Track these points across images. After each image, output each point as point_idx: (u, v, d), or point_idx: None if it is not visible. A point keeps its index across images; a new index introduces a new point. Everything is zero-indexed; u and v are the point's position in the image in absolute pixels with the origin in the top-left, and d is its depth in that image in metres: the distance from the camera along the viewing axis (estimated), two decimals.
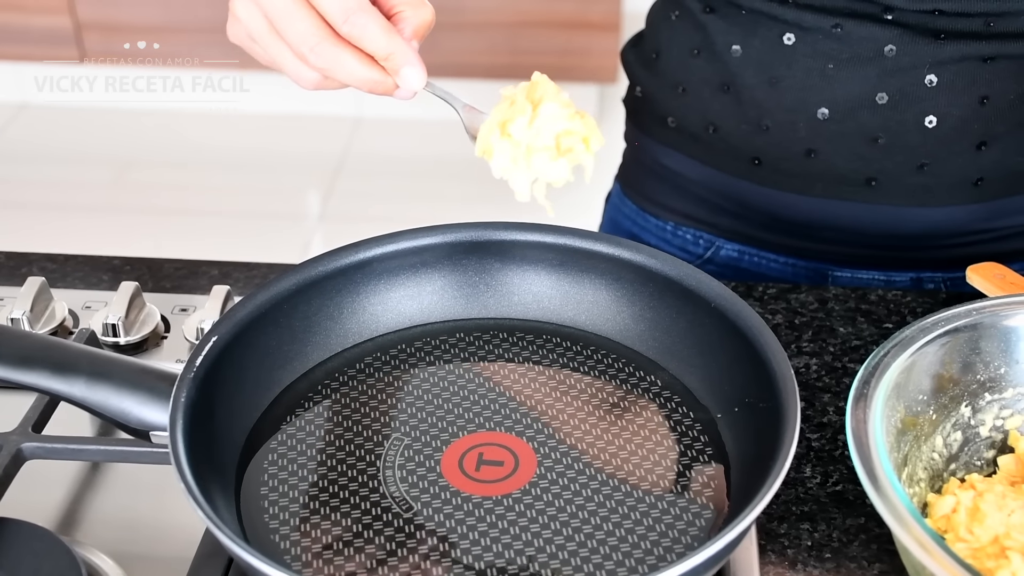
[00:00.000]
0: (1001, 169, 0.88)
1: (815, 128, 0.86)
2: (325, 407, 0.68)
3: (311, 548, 0.59)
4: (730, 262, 0.98)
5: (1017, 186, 0.89)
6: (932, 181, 0.88)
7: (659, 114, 0.95)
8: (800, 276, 0.96)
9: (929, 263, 0.93)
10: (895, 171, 0.87)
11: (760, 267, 0.97)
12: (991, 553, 0.59)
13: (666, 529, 0.60)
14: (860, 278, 0.94)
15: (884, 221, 0.90)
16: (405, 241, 0.73)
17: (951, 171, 0.87)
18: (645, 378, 0.70)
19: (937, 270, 0.93)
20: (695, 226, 0.98)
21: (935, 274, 0.93)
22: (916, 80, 0.83)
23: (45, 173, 2.79)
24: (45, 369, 0.62)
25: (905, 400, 0.63)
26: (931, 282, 0.94)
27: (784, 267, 0.96)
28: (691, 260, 0.98)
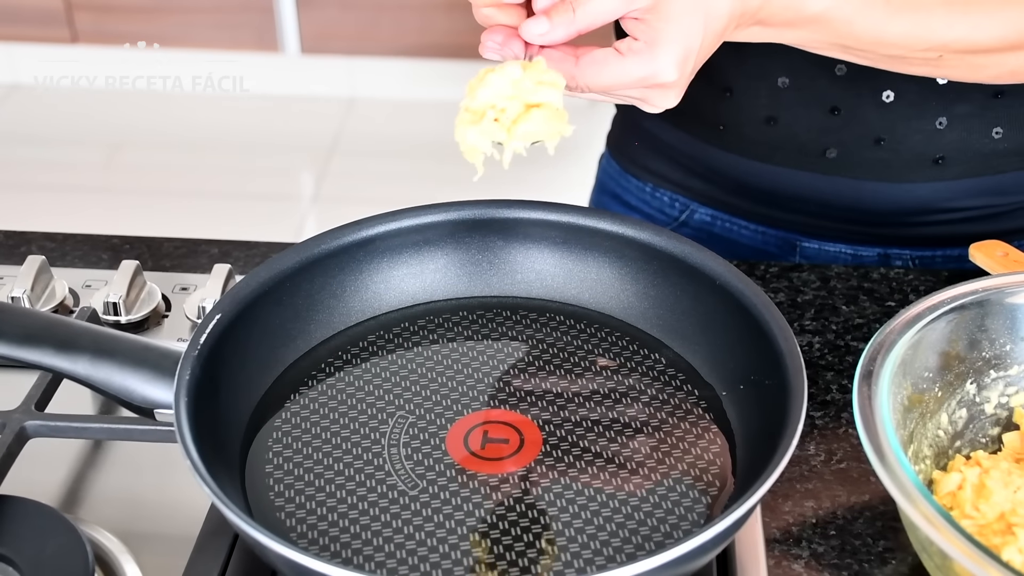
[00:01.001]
0: (964, 149, 0.87)
1: (775, 96, 0.87)
2: (329, 385, 0.68)
3: (316, 525, 0.59)
4: (703, 226, 0.99)
5: (982, 167, 0.88)
6: (890, 156, 0.88)
7: None
8: (769, 244, 0.97)
9: (896, 240, 0.93)
10: (853, 144, 0.88)
11: (731, 233, 0.98)
12: (997, 530, 0.59)
13: (672, 507, 0.60)
14: (827, 251, 0.95)
15: (845, 194, 0.90)
16: (408, 219, 0.72)
17: (909, 147, 0.87)
18: (649, 356, 0.70)
19: (904, 247, 0.93)
20: (671, 189, 0.99)
21: (903, 251, 0.94)
22: None
23: (37, 154, 2.77)
24: (49, 346, 0.62)
25: (911, 377, 0.63)
26: (899, 259, 0.94)
27: (754, 235, 0.97)
28: (667, 222, 1.00)
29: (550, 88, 0.63)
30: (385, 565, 0.56)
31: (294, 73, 2.96)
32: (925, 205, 0.90)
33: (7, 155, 2.77)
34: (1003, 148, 0.87)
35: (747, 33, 0.69)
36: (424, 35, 2.81)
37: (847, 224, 0.93)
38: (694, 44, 0.63)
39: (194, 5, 2.84)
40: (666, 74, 0.62)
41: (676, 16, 0.62)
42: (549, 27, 0.63)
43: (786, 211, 0.94)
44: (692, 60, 0.63)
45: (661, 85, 0.63)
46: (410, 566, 0.56)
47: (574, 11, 0.63)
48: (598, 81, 0.64)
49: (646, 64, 0.62)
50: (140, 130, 2.86)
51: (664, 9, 0.62)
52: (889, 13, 0.70)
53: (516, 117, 0.63)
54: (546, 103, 0.63)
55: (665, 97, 0.65)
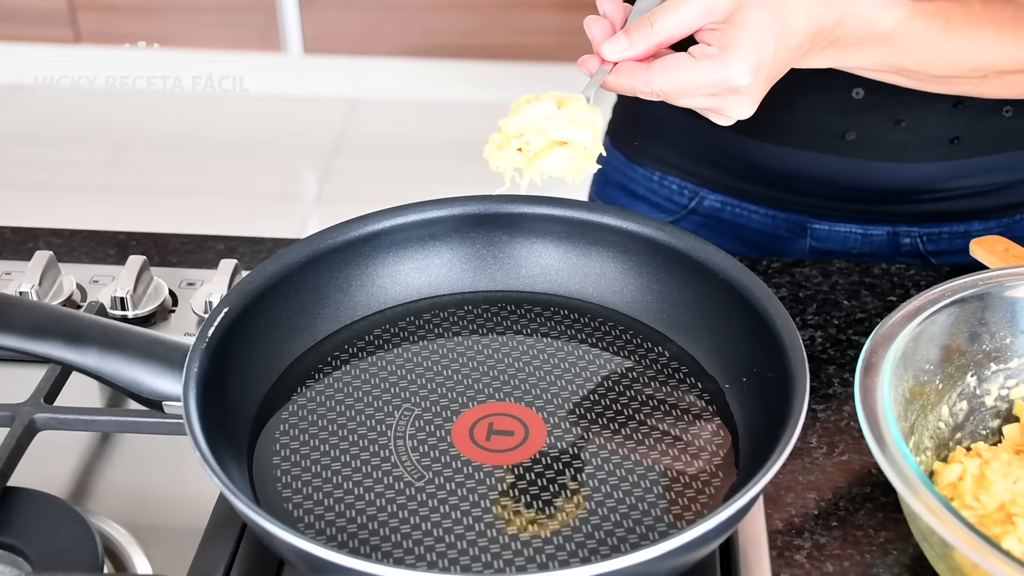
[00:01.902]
0: (977, 129, 0.89)
1: (794, 79, 0.87)
2: (335, 378, 0.68)
3: (324, 516, 0.59)
4: (713, 212, 0.99)
5: (993, 146, 0.91)
6: (908, 138, 0.89)
7: None
8: (780, 227, 0.98)
9: (906, 217, 0.95)
10: (872, 126, 0.89)
11: (741, 218, 0.99)
12: (997, 520, 0.60)
13: (675, 497, 0.60)
14: (838, 231, 0.96)
15: (859, 175, 0.92)
16: (413, 214, 0.73)
17: (927, 129, 0.89)
18: (653, 349, 0.70)
19: (913, 224, 0.95)
20: (680, 176, 0.99)
21: (911, 228, 0.95)
22: None
23: (40, 154, 2.78)
24: (58, 339, 0.62)
25: (912, 369, 0.63)
26: (907, 236, 0.95)
27: (764, 219, 0.98)
28: (676, 210, 1.00)
29: (583, 128, 0.65)
30: (392, 555, 0.57)
31: (297, 73, 2.96)
32: (935, 183, 0.92)
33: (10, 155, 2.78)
34: (1012, 127, 0.90)
35: (819, 58, 0.71)
36: (427, 35, 2.81)
37: (858, 204, 0.94)
38: (767, 53, 0.64)
39: (197, 5, 2.85)
40: (739, 78, 0.64)
41: (750, 25, 0.64)
42: (628, 44, 0.66)
43: (797, 193, 0.95)
44: (765, 69, 0.65)
45: (734, 90, 0.65)
46: (416, 555, 0.57)
47: (652, 26, 0.65)
48: (671, 84, 0.65)
49: (719, 68, 0.64)
50: (143, 130, 2.86)
51: (739, 19, 0.64)
52: (947, 32, 0.73)
53: (539, 151, 0.65)
54: (573, 142, 0.65)
55: (738, 105, 0.66)
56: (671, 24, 0.65)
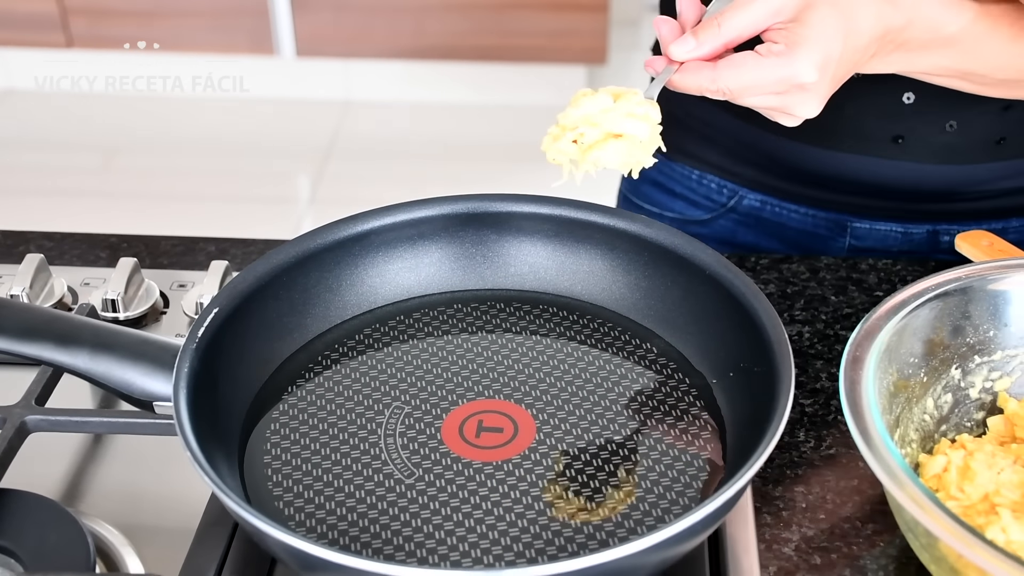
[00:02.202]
0: (1022, 128, 0.89)
1: (845, 84, 0.87)
2: (326, 377, 0.69)
3: (315, 514, 0.60)
4: (752, 211, 1.00)
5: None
6: (957, 140, 0.89)
7: None
8: (820, 226, 0.98)
9: (947, 215, 0.95)
10: (923, 130, 0.89)
11: (781, 217, 0.99)
12: (981, 510, 0.60)
13: (663, 492, 0.61)
14: (878, 229, 0.96)
15: (906, 177, 0.92)
16: (402, 213, 0.74)
17: (977, 131, 0.89)
18: (641, 345, 0.71)
19: (953, 222, 0.95)
20: (720, 175, 0.99)
21: (951, 226, 0.95)
22: None
23: (33, 159, 2.78)
24: (49, 341, 0.63)
25: (897, 363, 0.64)
26: (947, 234, 0.95)
27: (804, 217, 0.98)
28: (714, 208, 1.00)
29: (639, 121, 0.66)
30: (383, 551, 0.57)
31: (289, 76, 2.97)
32: (980, 183, 0.93)
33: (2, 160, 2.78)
34: None
35: (886, 62, 0.71)
36: (419, 37, 2.82)
37: (901, 203, 0.94)
38: (834, 51, 0.65)
39: (189, 9, 2.85)
40: (806, 75, 0.64)
41: (818, 23, 0.65)
42: (696, 44, 0.67)
43: (840, 193, 0.95)
44: (832, 67, 0.65)
45: (801, 87, 0.65)
46: (407, 552, 0.57)
47: (720, 26, 0.66)
48: (738, 82, 0.66)
49: (785, 65, 0.65)
50: (136, 134, 2.87)
51: (806, 17, 0.65)
52: (1012, 36, 0.73)
53: (593, 143, 0.66)
54: (629, 135, 0.66)
55: (805, 103, 0.67)
56: (739, 24, 0.66)
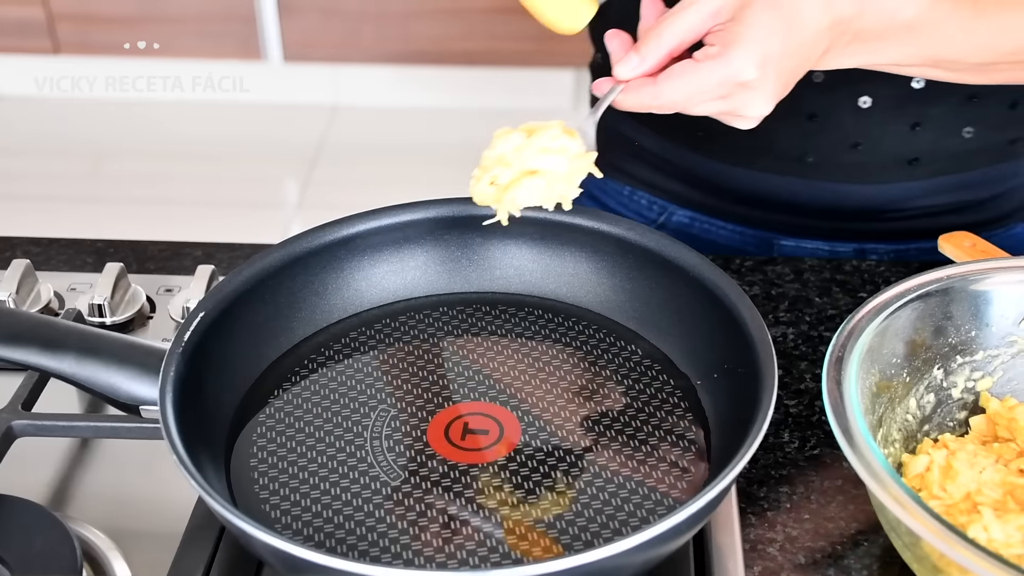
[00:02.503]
0: (937, 150, 0.89)
1: None
2: (312, 381, 0.69)
3: (301, 516, 0.60)
4: (682, 228, 1.00)
5: (954, 166, 0.91)
6: (866, 159, 0.89)
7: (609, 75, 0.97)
8: (748, 244, 0.99)
9: (871, 235, 0.95)
10: (830, 149, 0.89)
11: (709, 234, 0.99)
12: (963, 509, 0.61)
13: (648, 492, 0.61)
14: (805, 247, 0.96)
15: (822, 195, 0.92)
16: (387, 217, 0.74)
17: (885, 150, 0.89)
18: (625, 347, 0.71)
19: (879, 241, 0.95)
20: (649, 191, 1.00)
21: (877, 245, 0.95)
22: None
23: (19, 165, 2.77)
24: (35, 346, 0.63)
25: (879, 363, 0.64)
26: (874, 253, 0.96)
27: (732, 234, 0.99)
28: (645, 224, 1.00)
29: (555, 155, 0.66)
30: (368, 553, 0.58)
31: (277, 81, 2.97)
32: (899, 202, 0.93)
33: None
34: (973, 147, 0.90)
35: (846, 55, 0.70)
36: (406, 42, 2.82)
37: (824, 221, 0.95)
38: (773, 47, 0.64)
39: (176, 15, 2.85)
40: (744, 72, 0.63)
41: (754, 20, 0.63)
42: (639, 60, 0.66)
43: (765, 211, 0.96)
44: (773, 63, 0.64)
45: (743, 85, 0.64)
46: (393, 554, 0.58)
47: (660, 36, 0.65)
48: (679, 93, 0.65)
49: (722, 66, 0.63)
50: (123, 140, 2.86)
51: (742, 15, 0.64)
52: (976, 15, 0.71)
53: (508, 184, 0.66)
54: (545, 171, 0.66)
55: (753, 102, 0.65)
56: (678, 29, 0.65)
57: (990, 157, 0.91)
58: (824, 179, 0.91)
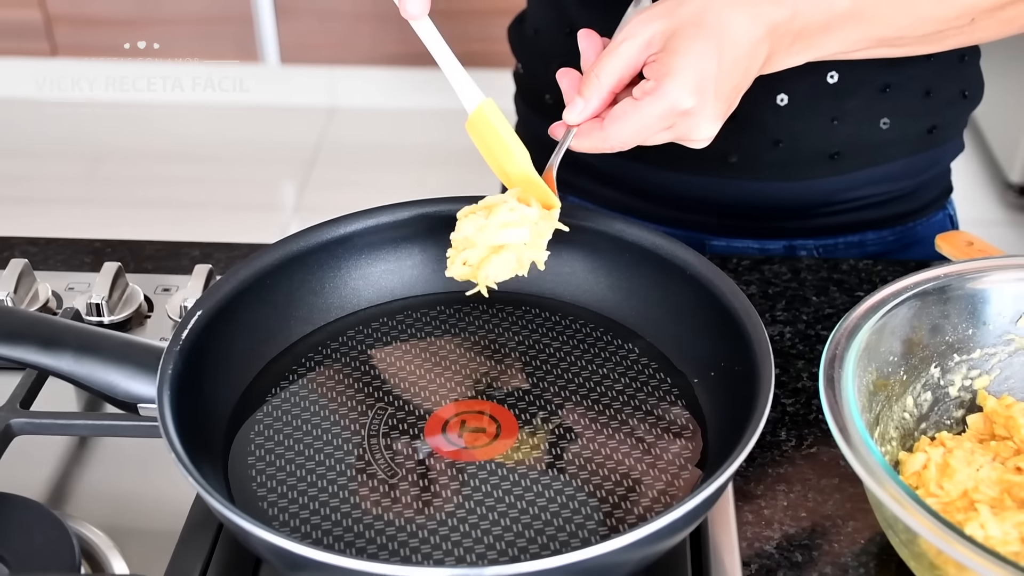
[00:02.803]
0: (856, 143, 0.90)
1: None
2: (309, 379, 0.69)
3: (299, 514, 0.60)
4: None
5: (874, 158, 0.91)
6: (789, 157, 0.90)
7: (539, 91, 0.98)
8: None
9: (800, 231, 0.96)
10: (752, 148, 0.89)
11: None
12: (960, 507, 0.61)
13: (645, 489, 0.61)
14: (735, 247, 0.97)
15: (748, 194, 0.92)
16: (384, 216, 0.74)
17: (806, 147, 0.89)
18: (623, 346, 0.71)
19: (808, 238, 0.96)
20: (578, 195, 1.00)
21: (807, 241, 0.96)
22: None
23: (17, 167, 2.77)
24: (33, 344, 0.63)
25: (876, 362, 0.65)
26: (803, 249, 0.96)
27: None
28: None
29: (515, 227, 0.67)
30: (366, 551, 0.58)
31: (274, 83, 2.97)
32: (825, 198, 0.93)
33: None
34: (891, 137, 0.90)
35: (791, 55, 0.70)
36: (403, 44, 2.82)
37: (753, 221, 0.95)
38: (708, 70, 0.64)
39: (174, 17, 2.85)
40: (683, 102, 0.64)
41: (683, 48, 0.64)
42: (583, 103, 0.66)
43: (693, 213, 0.95)
44: (711, 85, 0.64)
45: (684, 114, 0.65)
46: (390, 551, 0.58)
47: (598, 76, 0.66)
48: (625, 133, 0.65)
49: (659, 100, 0.64)
50: (121, 142, 2.86)
51: (671, 45, 0.64)
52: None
53: (479, 262, 0.68)
54: (510, 244, 0.67)
55: (698, 127, 0.66)
56: (615, 68, 0.65)
57: (910, 147, 0.92)
58: (749, 178, 0.91)
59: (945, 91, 0.90)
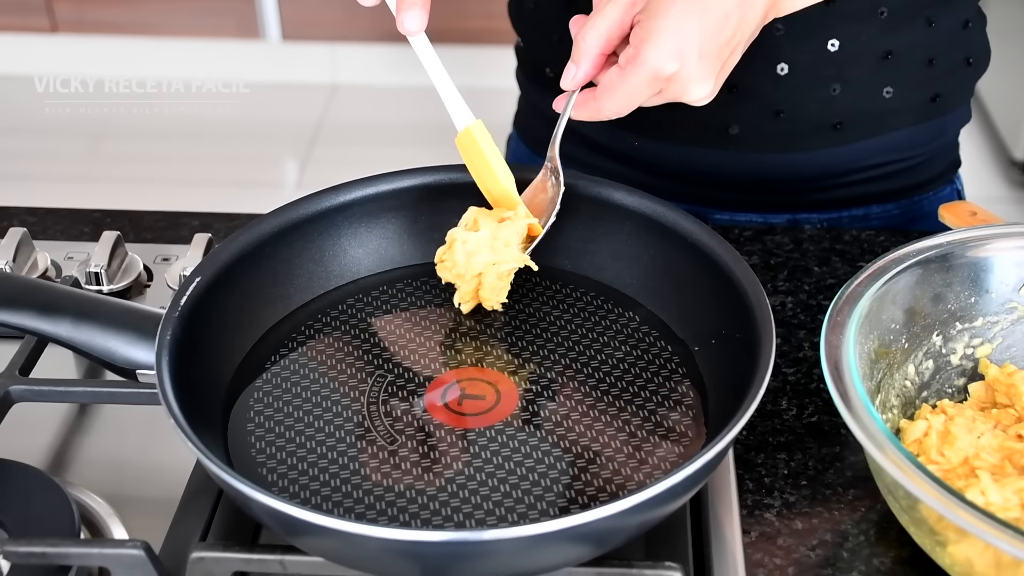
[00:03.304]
0: (858, 112, 0.89)
1: None
2: (309, 347, 0.69)
3: (298, 480, 0.60)
4: None
5: (876, 127, 0.90)
6: (790, 127, 0.89)
7: (539, 64, 0.97)
8: None
9: (804, 205, 0.95)
10: (752, 119, 0.89)
11: None
12: (961, 473, 0.61)
13: (645, 456, 0.61)
14: (739, 220, 0.96)
15: (750, 167, 0.92)
16: (385, 184, 0.74)
17: (808, 116, 0.89)
18: (624, 314, 0.71)
19: (813, 211, 0.95)
20: (582, 170, 0.99)
21: (810, 215, 0.95)
22: (764, 28, 0.84)
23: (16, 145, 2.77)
24: (31, 309, 0.63)
25: (878, 329, 0.64)
26: (807, 223, 0.95)
27: None
28: None
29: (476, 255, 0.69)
30: (365, 516, 0.58)
31: (276, 60, 2.96)
32: (828, 170, 0.92)
33: None
34: (894, 107, 0.89)
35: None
36: None
37: (756, 194, 0.95)
38: (688, 31, 0.62)
39: None
40: (664, 67, 0.63)
41: (662, 10, 0.63)
42: (575, 68, 0.66)
43: (695, 187, 0.95)
44: (694, 47, 0.63)
45: (669, 79, 0.64)
46: (390, 516, 0.58)
47: (585, 39, 0.65)
48: (616, 103, 0.65)
49: (640, 67, 0.63)
50: (122, 119, 2.85)
51: (651, 6, 0.63)
52: None
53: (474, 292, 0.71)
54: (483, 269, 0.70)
55: (687, 90, 0.65)
56: (600, 30, 0.65)
57: (913, 116, 0.91)
58: (750, 150, 0.90)
59: (948, 58, 0.89)
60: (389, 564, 0.54)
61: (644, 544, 0.60)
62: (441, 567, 0.53)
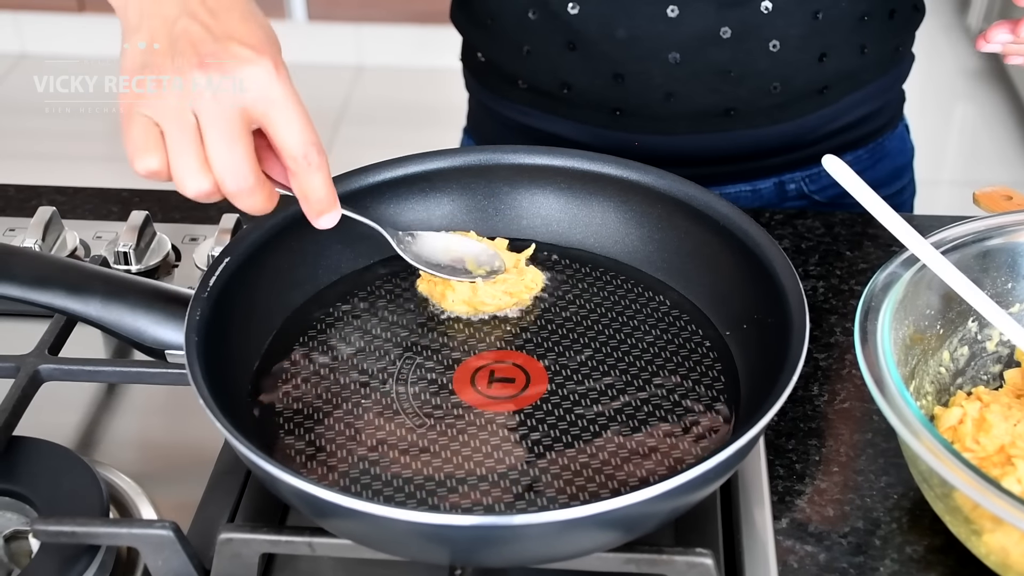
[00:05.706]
0: (842, 73, 0.91)
1: (669, 72, 0.87)
2: (337, 328, 0.69)
3: (326, 461, 0.60)
4: None
5: (856, 84, 0.93)
6: (784, 99, 0.90)
7: (507, 76, 0.95)
8: None
9: (787, 166, 0.96)
10: (750, 98, 0.89)
11: None
12: (996, 462, 0.60)
13: (676, 441, 0.61)
14: (728, 192, 0.96)
15: (743, 143, 0.93)
16: (414, 165, 0.73)
17: (799, 86, 0.90)
18: (654, 298, 0.70)
19: (796, 170, 0.96)
20: None
21: (794, 174, 0.96)
22: (753, 9, 0.85)
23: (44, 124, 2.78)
24: (61, 289, 0.63)
25: (913, 315, 0.63)
26: (792, 182, 0.96)
27: None
28: None
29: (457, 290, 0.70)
30: (394, 498, 0.57)
31: (301, 40, 2.95)
32: (814, 131, 0.94)
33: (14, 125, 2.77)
34: (869, 62, 0.92)
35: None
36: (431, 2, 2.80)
37: (744, 164, 0.95)
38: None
39: None
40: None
41: None
42: None
43: (689, 168, 0.94)
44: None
45: None
46: (418, 499, 0.57)
47: None
48: None
49: None
50: None
51: None
52: None
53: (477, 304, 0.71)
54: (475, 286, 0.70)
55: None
56: None
57: (881, 68, 0.94)
58: (746, 127, 0.92)
59: (904, 8, 0.92)
60: (418, 548, 0.54)
61: (674, 530, 0.60)
62: (470, 551, 0.53)
